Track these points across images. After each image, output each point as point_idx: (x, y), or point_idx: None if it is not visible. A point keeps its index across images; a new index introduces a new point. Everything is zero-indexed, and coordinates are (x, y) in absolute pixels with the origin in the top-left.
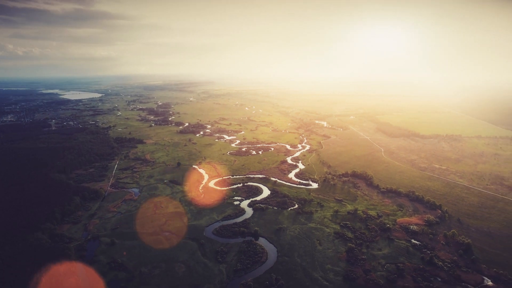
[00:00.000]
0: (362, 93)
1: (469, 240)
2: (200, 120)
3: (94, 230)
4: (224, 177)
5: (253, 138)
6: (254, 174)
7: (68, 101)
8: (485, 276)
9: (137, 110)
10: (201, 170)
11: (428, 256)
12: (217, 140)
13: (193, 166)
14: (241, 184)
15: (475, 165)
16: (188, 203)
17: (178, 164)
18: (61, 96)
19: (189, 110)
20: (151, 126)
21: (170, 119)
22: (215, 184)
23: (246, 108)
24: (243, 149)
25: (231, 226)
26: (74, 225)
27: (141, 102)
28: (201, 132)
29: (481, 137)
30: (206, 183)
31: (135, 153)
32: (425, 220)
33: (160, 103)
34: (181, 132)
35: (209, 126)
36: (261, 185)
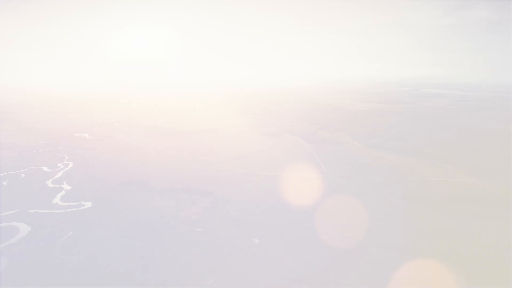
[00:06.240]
0: (124, 99)
1: (238, 212)
2: None
3: None
4: None
5: None
6: (3, 212)
7: None
8: (253, 238)
9: None
10: None
11: (212, 238)
12: None
13: None
14: None
15: (231, 151)
16: None
17: None
18: None
19: None
20: None
21: None
22: None
23: None
24: None
25: None
26: None
27: None
28: None
29: (233, 127)
30: None
31: None
32: (203, 207)
33: None
34: None
35: None
36: (15, 223)
